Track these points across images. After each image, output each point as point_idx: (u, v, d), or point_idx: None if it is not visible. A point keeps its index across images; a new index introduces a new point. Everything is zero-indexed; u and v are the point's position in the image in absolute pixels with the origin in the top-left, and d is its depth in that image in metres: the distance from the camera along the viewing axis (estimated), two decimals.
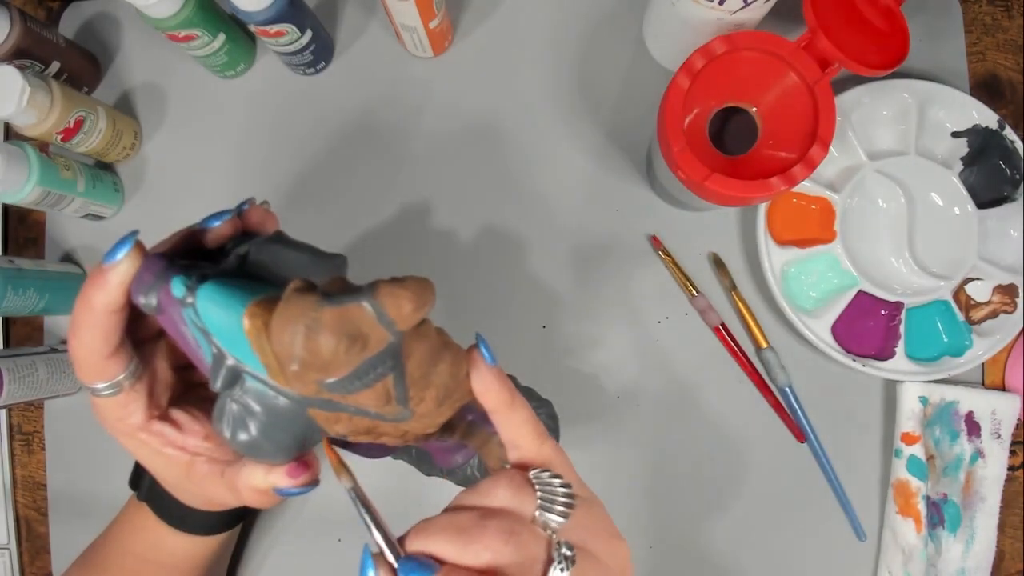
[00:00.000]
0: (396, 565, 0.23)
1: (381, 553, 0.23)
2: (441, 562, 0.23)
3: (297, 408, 0.25)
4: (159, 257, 0.26)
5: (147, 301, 0.25)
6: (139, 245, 0.26)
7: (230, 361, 0.25)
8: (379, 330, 0.22)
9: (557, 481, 0.25)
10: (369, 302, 0.22)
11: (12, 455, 0.50)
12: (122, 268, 0.26)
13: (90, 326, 0.26)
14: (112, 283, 0.26)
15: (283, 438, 0.26)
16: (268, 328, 0.22)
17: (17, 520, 0.50)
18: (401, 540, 0.24)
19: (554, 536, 0.24)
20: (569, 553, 0.23)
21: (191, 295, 0.24)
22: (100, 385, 0.28)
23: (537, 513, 0.24)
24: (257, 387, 0.25)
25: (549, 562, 0.23)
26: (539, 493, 0.24)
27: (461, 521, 0.23)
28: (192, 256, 0.27)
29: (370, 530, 0.24)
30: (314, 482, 0.30)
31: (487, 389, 0.26)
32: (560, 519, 0.24)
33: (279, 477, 0.29)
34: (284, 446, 0.26)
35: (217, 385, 0.25)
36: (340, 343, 0.21)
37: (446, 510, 0.25)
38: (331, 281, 0.24)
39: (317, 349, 0.21)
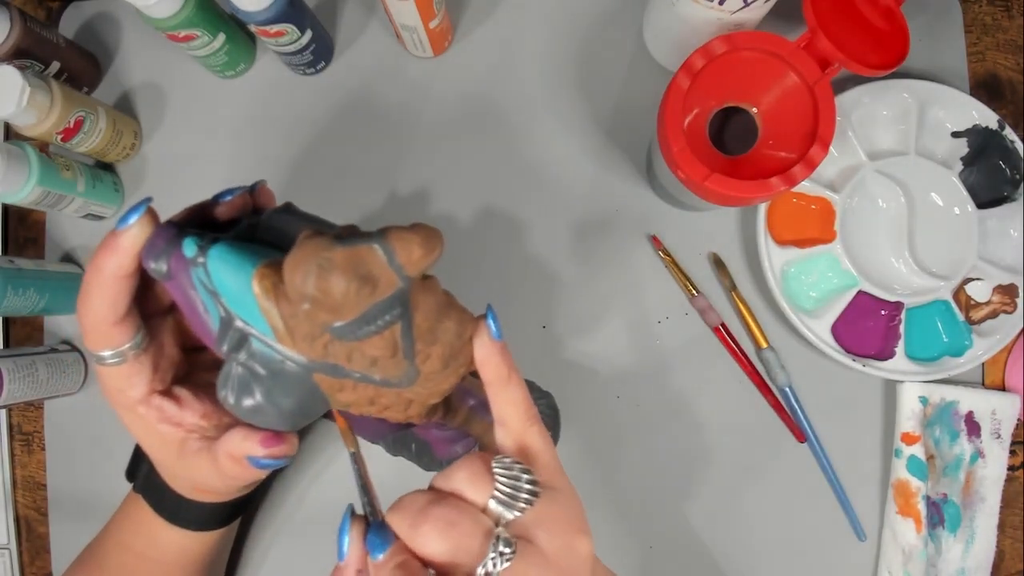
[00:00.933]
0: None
1: (364, 516, 0.24)
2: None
3: (303, 373, 0.25)
4: (171, 224, 0.26)
5: (157, 266, 0.26)
6: (151, 211, 0.26)
7: (238, 323, 0.25)
8: (389, 273, 0.22)
9: (525, 476, 0.24)
10: (380, 244, 0.22)
11: (12, 455, 0.50)
12: (133, 232, 0.26)
13: (99, 291, 0.27)
14: (123, 247, 0.26)
15: (287, 404, 0.26)
16: (276, 289, 0.23)
17: (17, 520, 0.50)
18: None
19: (498, 528, 0.23)
20: (507, 550, 0.23)
21: (202, 255, 0.24)
22: (105, 353, 0.28)
23: (491, 503, 0.24)
24: (263, 351, 0.25)
25: (484, 555, 0.22)
26: (499, 482, 0.24)
27: (416, 503, 0.23)
28: (204, 228, 0.28)
29: (360, 492, 0.25)
30: (287, 455, 0.30)
31: (487, 359, 0.26)
32: (516, 512, 0.24)
33: (253, 445, 0.29)
34: (288, 412, 0.26)
35: (224, 348, 0.25)
36: (351, 283, 0.21)
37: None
38: (343, 228, 0.24)
39: (328, 288, 0.22)
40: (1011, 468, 0.47)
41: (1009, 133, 0.46)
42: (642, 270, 0.48)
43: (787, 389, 0.47)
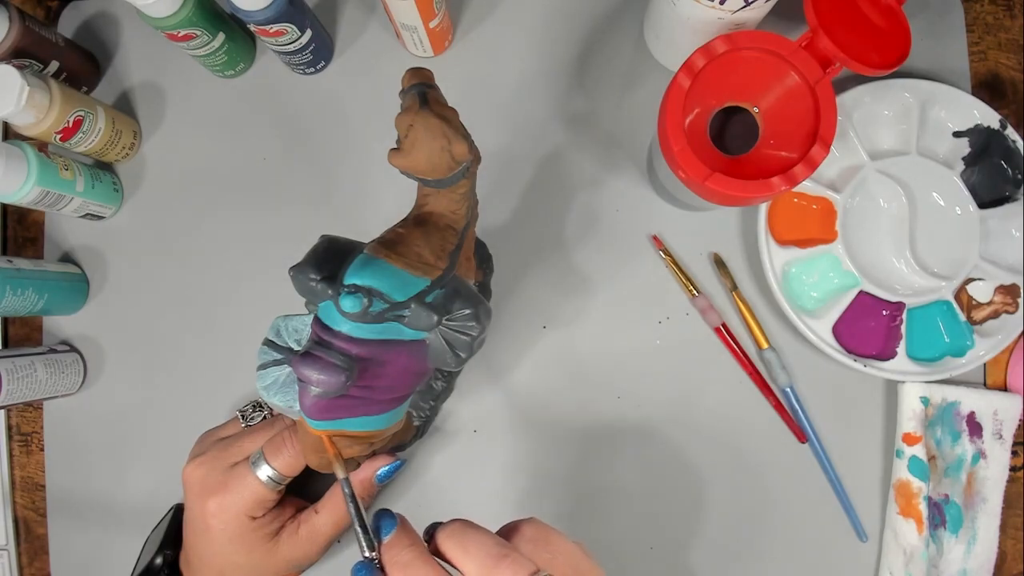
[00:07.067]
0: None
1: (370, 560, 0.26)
2: None
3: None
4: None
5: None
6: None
7: (414, 306, 0.31)
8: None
9: None
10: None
11: (11, 456, 0.50)
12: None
13: (318, 450, 0.33)
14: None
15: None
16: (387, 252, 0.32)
17: (16, 521, 0.50)
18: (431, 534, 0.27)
19: None
20: None
21: (335, 294, 0.30)
22: (271, 471, 0.38)
23: None
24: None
25: None
26: None
27: None
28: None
29: (354, 520, 0.27)
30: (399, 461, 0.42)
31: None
32: None
33: (381, 461, 0.41)
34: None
35: (434, 320, 0.31)
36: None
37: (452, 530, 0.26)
38: None
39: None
40: (1013, 469, 0.47)
41: (1011, 133, 0.46)
42: (643, 270, 0.48)
43: (788, 390, 0.47)
